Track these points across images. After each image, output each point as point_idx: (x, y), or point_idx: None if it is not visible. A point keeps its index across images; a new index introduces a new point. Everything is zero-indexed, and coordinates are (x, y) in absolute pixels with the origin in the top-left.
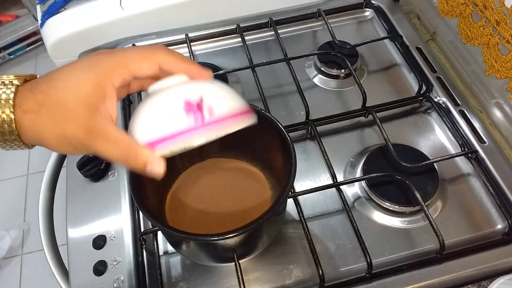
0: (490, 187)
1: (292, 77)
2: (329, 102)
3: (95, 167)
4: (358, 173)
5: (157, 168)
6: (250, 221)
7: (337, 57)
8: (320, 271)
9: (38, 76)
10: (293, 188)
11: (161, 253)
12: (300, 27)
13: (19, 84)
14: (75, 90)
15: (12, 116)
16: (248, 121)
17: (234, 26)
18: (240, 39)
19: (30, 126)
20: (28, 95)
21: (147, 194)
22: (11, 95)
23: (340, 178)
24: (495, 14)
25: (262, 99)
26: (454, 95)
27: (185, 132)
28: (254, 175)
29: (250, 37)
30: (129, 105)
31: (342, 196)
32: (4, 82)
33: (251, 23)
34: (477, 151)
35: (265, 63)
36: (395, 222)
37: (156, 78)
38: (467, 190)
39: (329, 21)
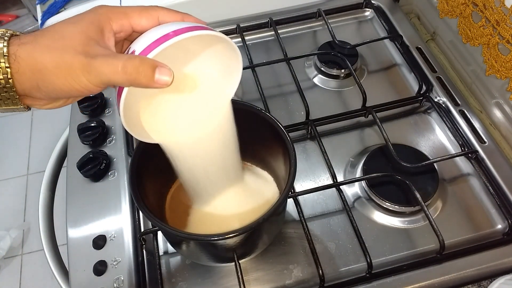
0: (490, 187)
1: (292, 77)
2: (329, 102)
3: (95, 167)
4: (358, 173)
5: (166, 73)
6: (250, 221)
7: (337, 57)
8: (320, 271)
9: None
10: (293, 188)
11: (161, 253)
12: (300, 27)
13: (13, 33)
14: (75, 25)
15: (7, 69)
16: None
17: (234, 26)
18: (240, 39)
19: (27, 56)
20: (24, 35)
21: (147, 194)
22: (5, 49)
23: (340, 178)
24: (495, 14)
25: (262, 99)
26: (454, 95)
27: (190, 26)
28: (256, 175)
29: (250, 37)
30: None
31: (342, 196)
32: None
33: (251, 23)
34: (477, 151)
35: (265, 63)
36: (395, 222)
37: None
38: (467, 190)
39: (329, 21)
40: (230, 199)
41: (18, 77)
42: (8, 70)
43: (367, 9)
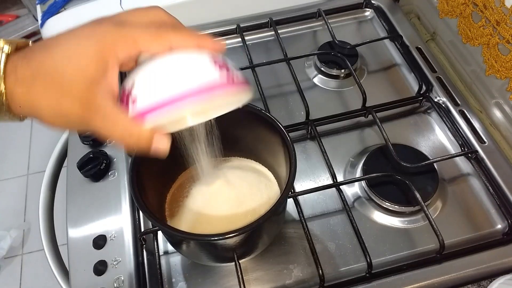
0: (490, 187)
1: (292, 77)
2: (329, 102)
3: (95, 167)
4: (358, 173)
5: (162, 146)
6: (251, 220)
7: (337, 57)
8: (320, 271)
9: (31, 43)
10: (293, 188)
11: (161, 253)
12: (300, 27)
13: (9, 52)
14: (74, 60)
15: (2, 89)
16: (250, 93)
17: (234, 26)
18: (240, 39)
19: (23, 98)
20: (21, 63)
21: (148, 194)
22: (1, 65)
23: (340, 178)
24: (495, 14)
25: (262, 99)
26: (454, 95)
27: (216, 86)
28: (259, 174)
29: (250, 37)
30: None
31: (342, 196)
32: None
33: (251, 23)
34: (477, 151)
35: (265, 63)
36: (395, 222)
37: None
38: (467, 190)
39: (329, 21)
40: (232, 198)
41: (15, 109)
42: (5, 102)
43: (367, 9)
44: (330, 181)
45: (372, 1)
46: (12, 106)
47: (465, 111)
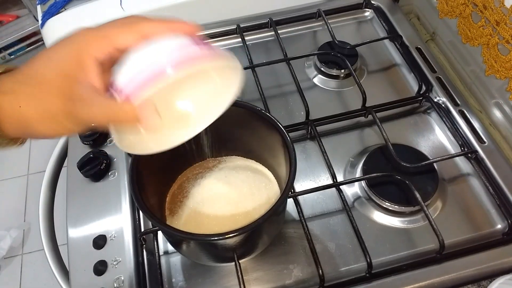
0: (489, 187)
1: (292, 77)
2: (329, 102)
3: (95, 167)
4: (358, 173)
5: (152, 115)
6: (251, 220)
7: (337, 57)
8: (320, 271)
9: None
10: (293, 188)
11: (161, 253)
12: (300, 27)
13: None
14: (53, 63)
15: None
16: (240, 71)
17: (234, 26)
18: (240, 39)
19: (11, 108)
20: (6, 78)
21: (147, 194)
22: None
23: (340, 178)
24: (495, 14)
25: (262, 99)
26: (454, 95)
27: (197, 57)
28: (260, 174)
29: (250, 37)
30: None
31: (342, 196)
32: None
33: (251, 23)
34: (476, 151)
35: (265, 63)
36: (395, 222)
37: None
38: (467, 190)
39: (329, 21)
40: (232, 198)
41: (3, 125)
42: None
43: (367, 9)
44: (330, 181)
45: (372, 2)
46: (3, 122)
47: (465, 111)
